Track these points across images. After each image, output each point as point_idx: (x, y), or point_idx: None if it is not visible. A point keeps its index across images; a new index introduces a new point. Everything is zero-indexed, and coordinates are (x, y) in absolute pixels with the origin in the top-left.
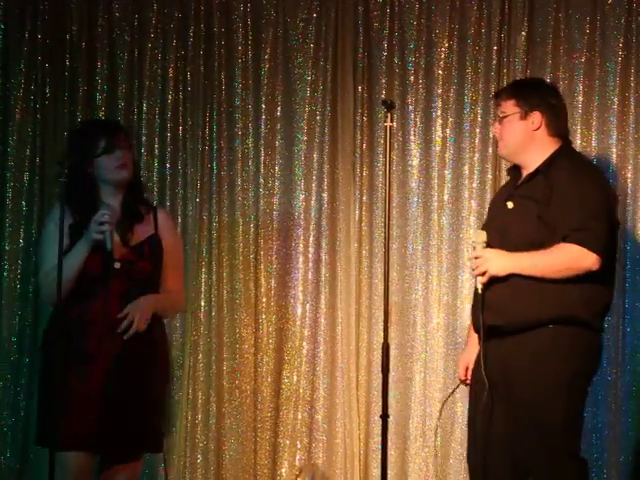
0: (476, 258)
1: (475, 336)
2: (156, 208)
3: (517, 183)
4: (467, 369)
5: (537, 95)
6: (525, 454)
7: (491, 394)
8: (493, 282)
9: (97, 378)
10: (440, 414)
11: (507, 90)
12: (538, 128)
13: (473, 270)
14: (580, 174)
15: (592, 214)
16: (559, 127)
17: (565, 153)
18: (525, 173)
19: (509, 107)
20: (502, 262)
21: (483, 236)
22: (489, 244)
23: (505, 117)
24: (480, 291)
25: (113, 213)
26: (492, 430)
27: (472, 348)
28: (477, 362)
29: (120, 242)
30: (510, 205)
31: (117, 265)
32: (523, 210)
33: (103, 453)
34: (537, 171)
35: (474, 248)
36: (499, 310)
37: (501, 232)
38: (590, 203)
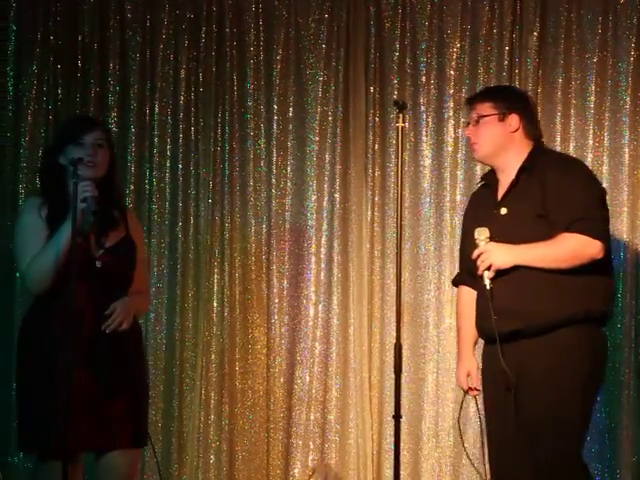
0: (480, 255)
1: (469, 344)
2: (126, 210)
3: (496, 189)
4: (468, 376)
5: (513, 98)
6: (538, 455)
7: (506, 396)
8: (508, 287)
9: (80, 377)
10: (459, 424)
11: (482, 94)
12: (516, 130)
13: (479, 268)
14: (568, 166)
15: (591, 203)
16: (534, 131)
17: (543, 150)
18: (502, 177)
19: (486, 109)
20: (506, 253)
21: (486, 232)
22: None
23: (482, 118)
24: (488, 287)
25: (91, 183)
26: (509, 432)
27: (469, 357)
28: (485, 369)
29: (95, 245)
30: (504, 211)
31: (98, 264)
32: (520, 213)
33: (95, 450)
34: (522, 170)
35: (477, 246)
36: (518, 314)
37: (501, 239)
38: (587, 192)
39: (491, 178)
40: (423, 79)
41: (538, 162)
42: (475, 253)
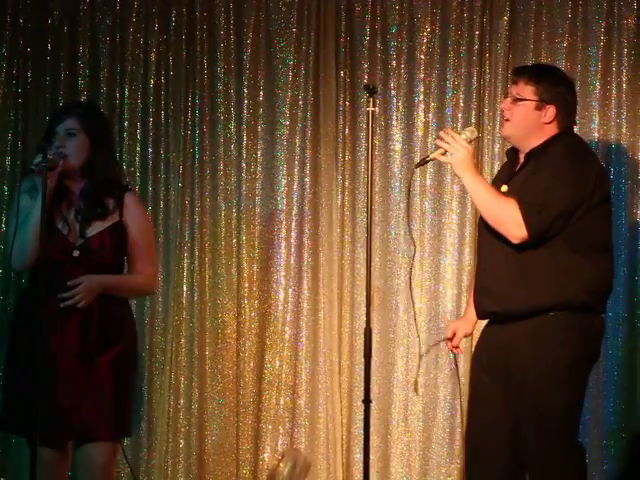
0: (452, 137)
1: (472, 308)
2: (123, 193)
3: (514, 166)
4: (454, 334)
5: (557, 90)
6: (524, 440)
7: (492, 379)
8: (493, 267)
9: (60, 364)
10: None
11: (529, 73)
12: (550, 122)
13: (438, 139)
14: (564, 160)
15: (555, 202)
16: (568, 122)
17: (561, 138)
18: (521, 157)
19: (527, 92)
20: (466, 165)
21: (475, 134)
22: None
23: (520, 100)
24: (429, 157)
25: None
26: (492, 414)
27: (467, 318)
28: (478, 346)
29: (78, 233)
30: (504, 189)
31: (76, 253)
32: (511, 194)
33: (70, 438)
34: (530, 154)
35: (459, 133)
36: (498, 297)
37: None
38: (557, 192)
39: (513, 155)
40: (393, 63)
41: (548, 150)
42: (451, 131)
